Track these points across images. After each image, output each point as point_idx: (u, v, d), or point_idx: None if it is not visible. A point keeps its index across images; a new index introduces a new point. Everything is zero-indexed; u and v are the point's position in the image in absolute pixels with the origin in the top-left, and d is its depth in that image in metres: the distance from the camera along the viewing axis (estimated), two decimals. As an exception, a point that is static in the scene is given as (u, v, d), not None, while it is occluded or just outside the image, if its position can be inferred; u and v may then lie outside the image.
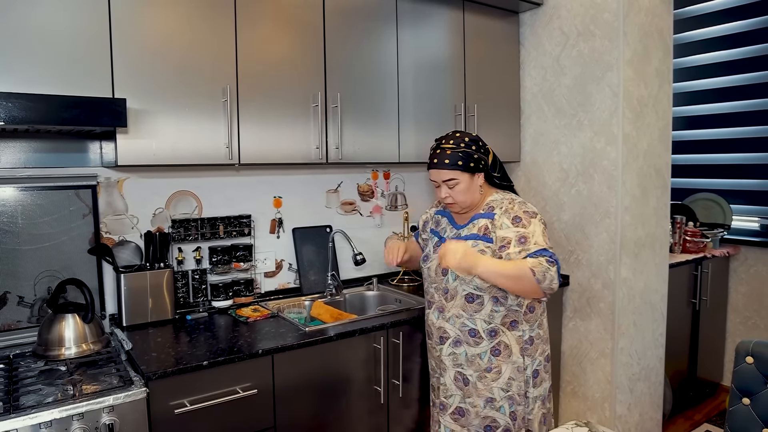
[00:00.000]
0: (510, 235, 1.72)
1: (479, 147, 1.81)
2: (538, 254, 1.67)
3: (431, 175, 1.83)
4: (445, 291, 1.86)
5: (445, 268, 1.81)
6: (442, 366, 1.89)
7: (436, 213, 2.03)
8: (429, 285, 1.94)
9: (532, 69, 2.84)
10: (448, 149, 1.78)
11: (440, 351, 1.89)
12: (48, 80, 1.64)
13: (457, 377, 1.86)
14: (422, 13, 2.46)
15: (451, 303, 1.84)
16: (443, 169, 1.77)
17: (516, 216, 1.75)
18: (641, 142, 2.56)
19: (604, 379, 2.61)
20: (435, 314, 1.90)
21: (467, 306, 1.81)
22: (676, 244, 3.37)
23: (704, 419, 3.28)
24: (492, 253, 1.75)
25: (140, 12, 1.79)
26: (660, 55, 2.62)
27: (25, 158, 1.95)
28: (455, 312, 1.83)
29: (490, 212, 1.81)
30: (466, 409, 1.86)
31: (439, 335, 1.88)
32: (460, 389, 1.86)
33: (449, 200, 1.81)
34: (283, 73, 2.10)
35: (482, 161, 1.81)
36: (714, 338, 3.56)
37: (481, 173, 1.82)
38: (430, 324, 1.93)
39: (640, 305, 2.65)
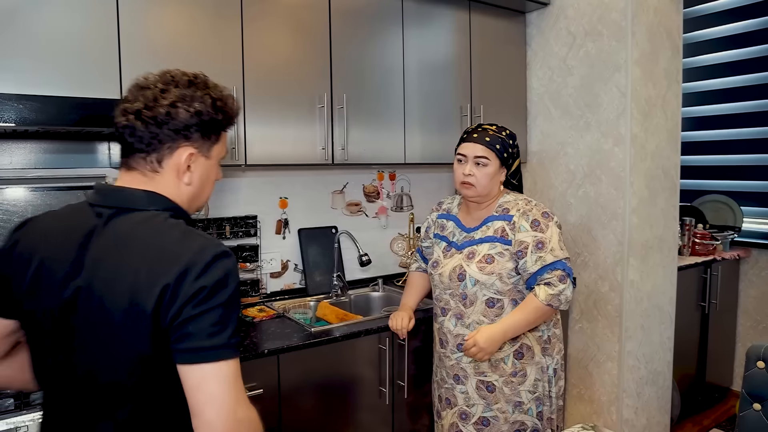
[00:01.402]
0: (528, 239, 1.71)
1: (514, 145, 1.81)
2: (553, 268, 1.69)
3: (463, 149, 1.77)
4: (463, 297, 1.78)
5: (475, 357, 1.73)
6: (463, 374, 1.82)
7: (438, 217, 1.98)
8: (442, 291, 1.85)
9: (538, 69, 2.83)
10: (491, 131, 1.77)
11: (458, 359, 1.82)
12: (58, 82, 1.66)
13: (480, 386, 1.80)
14: (428, 13, 2.47)
15: (470, 309, 1.77)
16: (480, 144, 1.74)
17: (534, 219, 1.73)
18: (649, 143, 2.54)
19: (611, 383, 2.59)
20: (452, 321, 1.82)
21: (488, 311, 1.76)
22: (684, 246, 3.33)
23: (713, 424, 3.24)
24: (510, 255, 1.74)
25: (148, 14, 1.81)
26: (669, 54, 2.60)
27: (35, 159, 1.97)
28: (475, 318, 1.77)
29: (506, 214, 1.78)
30: (492, 417, 1.79)
31: (458, 343, 1.81)
32: (483, 398, 1.79)
33: (471, 179, 1.74)
34: (289, 74, 2.11)
35: (512, 159, 1.80)
36: (724, 342, 3.52)
37: (505, 171, 1.80)
38: (446, 332, 1.84)
39: (648, 308, 2.63)
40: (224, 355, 0.90)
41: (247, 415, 0.92)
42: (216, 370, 0.89)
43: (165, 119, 0.97)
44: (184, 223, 0.99)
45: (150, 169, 1.00)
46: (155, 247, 0.93)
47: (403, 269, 2.85)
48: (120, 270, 0.92)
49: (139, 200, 0.99)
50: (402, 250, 2.89)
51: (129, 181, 1.01)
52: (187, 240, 0.94)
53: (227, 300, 0.91)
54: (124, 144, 1.01)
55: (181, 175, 1.02)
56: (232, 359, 0.91)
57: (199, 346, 0.89)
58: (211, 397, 0.89)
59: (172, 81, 1.01)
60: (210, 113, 1.01)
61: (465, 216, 1.88)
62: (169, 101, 0.98)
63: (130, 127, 0.98)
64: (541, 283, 1.70)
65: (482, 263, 1.74)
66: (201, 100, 1.01)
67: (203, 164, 1.04)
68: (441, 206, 2.01)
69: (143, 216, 0.97)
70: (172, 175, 1.01)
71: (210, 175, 1.08)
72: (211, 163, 1.06)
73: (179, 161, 1.00)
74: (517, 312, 1.72)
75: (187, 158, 1.01)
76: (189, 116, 0.99)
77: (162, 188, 1.01)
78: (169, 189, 1.01)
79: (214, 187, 1.12)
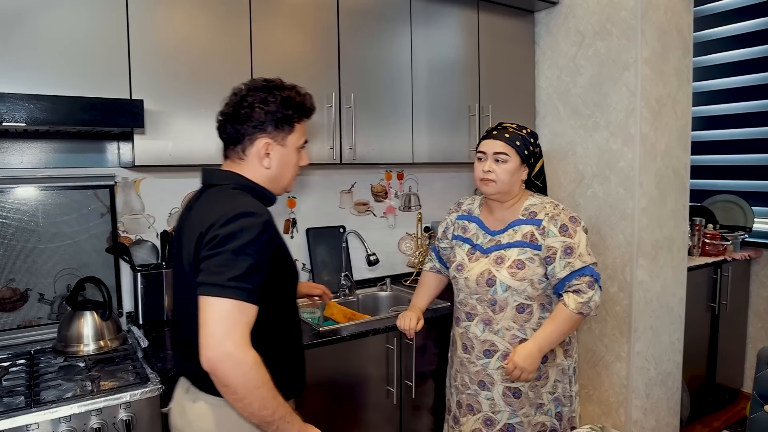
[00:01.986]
0: (556, 245, 1.70)
1: (536, 144, 1.79)
2: (581, 273, 1.68)
3: (482, 146, 1.77)
4: (492, 302, 1.75)
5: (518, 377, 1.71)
6: (489, 380, 1.79)
7: (458, 218, 1.94)
8: (467, 296, 1.81)
9: (547, 69, 2.82)
10: (510, 128, 1.76)
11: (485, 365, 1.79)
12: (68, 82, 1.67)
13: (507, 392, 1.77)
14: (436, 12, 2.46)
15: (500, 315, 1.75)
16: (500, 140, 1.73)
17: (563, 224, 1.71)
18: (659, 142, 2.53)
19: (620, 384, 2.57)
20: (479, 327, 1.79)
21: (518, 317, 1.74)
22: (694, 246, 3.31)
23: (723, 426, 3.22)
24: (540, 261, 1.72)
25: (157, 14, 1.82)
26: (679, 53, 2.58)
27: (46, 158, 1.99)
28: (505, 324, 1.75)
29: (533, 218, 1.75)
30: (518, 423, 1.78)
31: (485, 349, 1.78)
32: (509, 404, 1.77)
33: (491, 176, 1.72)
34: (297, 73, 2.11)
35: (533, 158, 1.78)
36: (734, 343, 3.49)
37: (527, 169, 1.78)
38: (472, 337, 1.81)
39: (657, 309, 2.61)
40: (219, 293, 1.10)
41: (238, 353, 1.09)
42: (212, 303, 1.11)
43: (244, 118, 1.27)
44: (242, 193, 1.26)
45: (237, 157, 1.31)
46: (209, 209, 1.22)
47: (410, 269, 2.84)
48: (190, 227, 1.24)
49: (218, 177, 1.32)
50: (410, 250, 2.89)
51: (225, 166, 1.34)
52: (228, 203, 1.20)
53: (236, 248, 1.12)
54: (220, 139, 1.34)
55: (262, 160, 1.30)
56: (228, 298, 1.10)
57: (203, 281, 1.13)
58: (204, 325, 1.11)
59: (252, 87, 1.31)
60: (281, 110, 1.28)
61: (488, 217, 1.85)
62: (248, 103, 1.27)
63: (222, 126, 1.32)
64: (570, 291, 1.70)
65: (513, 269, 1.72)
66: (273, 100, 1.27)
67: (280, 151, 1.31)
68: (460, 207, 1.97)
69: (216, 189, 1.29)
70: (255, 161, 1.30)
71: (288, 160, 1.34)
72: (287, 150, 1.33)
73: (258, 149, 1.29)
74: (548, 324, 1.71)
75: (264, 146, 1.29)
76: (263, 114, 1.27)
77: (246, 172, 1.30)
78: (252, 172, 1.31)
79: (297, 171, 1.38)
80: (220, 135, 1.33)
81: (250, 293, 1.14)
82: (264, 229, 1.17)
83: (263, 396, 1.13)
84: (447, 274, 2.03)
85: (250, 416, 1.16)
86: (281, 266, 1.28)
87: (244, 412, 1.15)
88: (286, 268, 1.31)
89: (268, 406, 1.15)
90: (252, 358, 1.11)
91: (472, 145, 2.60)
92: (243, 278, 1.12)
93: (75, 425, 1.46)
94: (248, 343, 1.12)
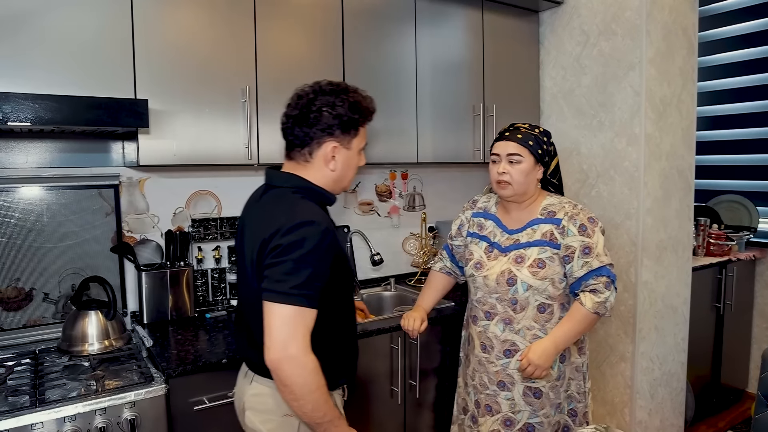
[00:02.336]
0: (575, 244, 1.70)
1: (549, 143, 1.79)
2: (598, 274, 1.69)
3: (495, 148, 1.77)
4: (513, 302, 1.74)
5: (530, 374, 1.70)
6: (509, 380, 1.78)
7: (474, 215, 1.93)
8: (486, 295, 1.80)
9: (551, 69, 2.81)
10: (523, 129, 1.76)
11: (505, 365, 1.78)
12: (72, 82, 1.68)
13: (527, 392, 1.77)
14: (441, 12, 2.46)
15: (521, 314, 1.74)
16: (513, 141, 1.73)
17: (582, 224, 1.72)
18: (664, 142, 2.52)
19: (624, 384, 2.57)
20: (499, 327, 1.77)
21: (539, 316, 1.74)
22: (699, 246, 3.29)
23: (728, 427, 3.20)
24: (559, 260, 1.72)
25: (162, 14, 1.82)
26: (684, 53, 2.57)
27: (50, 158, 1.99)
28: (526, 324, 1.74)
29: (552, 217, 1.75)
30: (538, 423, 1.77)
31: (505, 348, 1.77)
32: (530, 404, 1.77)
33: (505, 177, 1.72)
34: (302, 73, 2.10)
35: (547, 157, 1.78)
36: (739, 344, 3.48)
37: (542, 168, 1.77)
38: (491, 337, 1.79)
39: (662, 309, 2.60)
40: (283, 299, 1.19)
41: (301, 356, 1.18)
42: (276, 309, 1.19)
43: (313, 122, 1.30)
44: (302, 199, 1.30)
45: (303, 159, 1.35)
46: (270, 212, 1.29)
47: (415, 269, 2.84)
48: (253, 228, 1.32)
49: (279, 180, 1.36)
50: (414, 250, 2.88)
51: (288, 167, 1.38)
52: (289, 209, 1.27)
53: (299, 257, 1.20)
54: (285, 140, 1.37)
55: (327, 163, 1.34)
56: (290, 305, 1.19)
57: (268, 288, 1.21)
58: (269, 329, 1.20)
59: (319, 90, 1.32)
60: (348, 114, 1.31)
61: (504, 216, 1.84)
62: (317, 107, 1.29)
63: (289, 128, 1.33)
64: (586, 290, 1.70)
65: (534, 268, 1.72)
66: (341, 104, 1.30)
67: (345, 154, 1.35)
68: (476, 204, 1.95)
69: (278, 191, 1.34)
70: (321, 164, 1.34)
71: (351, 162, 1.38)
72: (351, 153, 1.37)
73: (326, 153, 1.33)
74: (565, 322, 1.71)
75: (332, 150, 1.33)
76: (331, 118, 1.30)
77: (311, 174, 1.34)
78: (316, 174, 1.35)
79: (356, 172, 1.43)
80: (286, 137, 1.36)
81: (310, 299, 1.22)
82: (324, 237, 1.24)
83: (317, 399, 1.22)
84: (458, 274, 2.01)
85: (303, 416, 1.25)
86: (340, 270, 1.34)
87: (298, 411, 1.24)
88: (344, 271, 1.38)
89: (321, 408, 1.23)
90: (312, 362, 1.20)
91: (476, 145, 2.60)
92: (304, 286, 1.20)
93: (79, 424, 1.46)
94: (308, 347, 1.21)
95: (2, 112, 1.46)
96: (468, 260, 1.87)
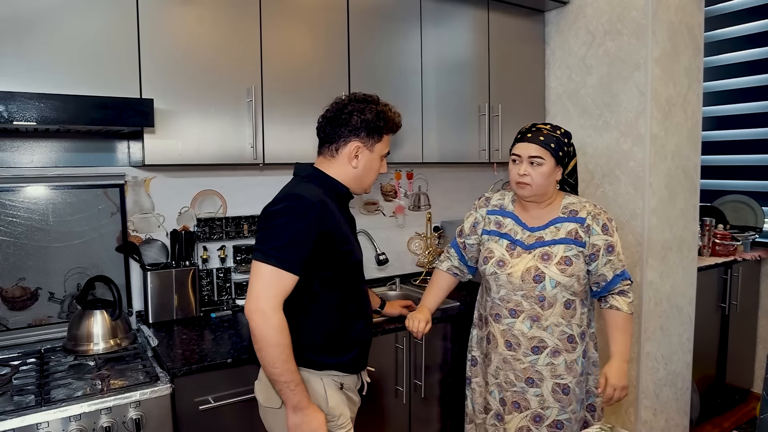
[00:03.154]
0: (600, 243, 1.74)
1: (570, 144, 1.79)
2: (623, 277, 1.77)
3: (517, 149, 1.76)
4: (541, 299, 1.75)
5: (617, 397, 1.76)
6: (538, 377, 1.78)
7: (489, 213, 1.91)
8: (511, 292, 1.78)
9: (557, 68, 2.80)
10: (545, 130, 1.75)
11: (533, 362, 1.78)
12: (78, 81, 1.67)
13: (556, 388, 1.77)
14: (446, 12, 2.45)
15: (549, 311, 1.75)
16: (535, 143, 1.73)
17: (604, 224, 1.76)
18: (669, 142, 2.51)
19: (630, 384, 2.55)
20: (526, 324, 1.77)
21: (565, 312, 1.76)
22: (704, 247, 3.29)
23: (733, 426, 3.20)
24: (584, 258, 1.75)
25: (167, 14, 1.82)
26: (690, 53, 2.56)
27: (56, 158, 1.99)
28: (554, 320, 1.75)
29: (575, 216, 1.77)
30: (566, 420, 1.78)
31: (532, 345, 1.77)
32: (558, 400, 1.77)
33: (526, 179, 1.73)
34: (308, 73, 2.11)
35: (567, 158, 1.78)
36: (744, 344, 3.47)
37: (561, 169, 1.78)
38: (517, 334, 1.78)
39: (667, 309, 2.59)
40: (262, 258, 1.36)
41: (268, 311, 1.34)
42: (256, 266, 1.37)
43: (343, 123, 1.49)
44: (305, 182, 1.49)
45: (330, 155, 1.53)
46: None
47: (420, 268, 2.84)
48: None
49: (301, 170, 1.55)
50: (419, 250, 2.88)
51: (317, 162, 1.56)
52: (287, 188, 1.48)
53: (281, 223, 1.37)
54: (318, 138, 1.56)
55: (351, 161, 1.51)
56: (266, 264, 1.35)
57: (255, 248, 1.40)
58: (250, 283, 1.38)
59: (354, 98, 1.53)
60: (374, 121, 1.50)
61: (523, 213, 1.84)
62: (348, 111, 1.49)
63: (322, 127, 1.54)
64: (615, 293, 1.77)
65: (562, 265, 1.73)
66: (370, 111, 1.49)
67: (367, 155, 1.53)
68: (489, 202, 1.93)
69: (294, 179, 1.55)
70: (345, 160, 1.52)
71: (372, 165, 1.55)
72: (373, 156, 1.54)
73: (350, 151, 1.51)
74: (618, 335, 1.78)
75: (355, 149, 1.51)
76: (359, 121, 1.49)
77: (334, 168, 1.53)
78: (339, 170, 1.53)
79: (377, 176, 1.59)
80: (318, 134, 1.55)
81: (286, 263, 1.36)
82: (308, 210, 1.38)
83: (275, 354, 1.35)
84: (465, 272, 2.01)
85: (263, 368, 1.39)
86: (330, 247, 1.44)
87: (261, 363, 1.39)
88: (335, 249, 1.46)
89: (276, 365, 1.35)
90: (278, 320, 1.35)
91: (482, 145, 2.59)
92: (282, 250, 1.36)
93: (85, 424, 1.46)
94: (278, 305, 1.36)
95: (8, 112, 1.46)
96: (487, 258, 1.85)
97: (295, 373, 1.38)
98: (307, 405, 1.40)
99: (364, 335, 1.58)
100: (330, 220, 1.43)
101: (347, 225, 1.55)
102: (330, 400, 1.50)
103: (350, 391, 1.58)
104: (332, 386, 1.51)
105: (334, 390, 1.51)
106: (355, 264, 1.55)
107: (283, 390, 1.39)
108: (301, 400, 1.39)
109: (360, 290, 1.58)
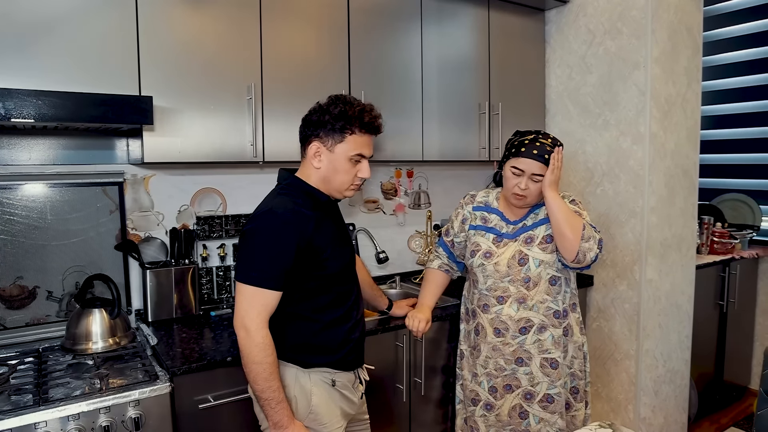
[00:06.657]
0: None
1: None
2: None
3: (521, 163, 1.77)
4: (526, 280, 1.81)
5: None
6: (526, 356, 1.83)
7: (475, 209, 1.95)
8: (497, 281, 1.84)
9: (557, 67, 2.80)
10: (547, 146, 1.78)
11: (521, 342, 1.83)
12: (77, 79, 1.66)
13: (544, 363, 1.83)
14: (447, 11, 2.45)
15: (534, 290, 1.81)
16: (539, 162, 1.76)
17: (573, 200, 1.85)
18: (669, 141, 2.51)
19: (629, 381, 2.57)
20: (513, 307, 1.82)
21: (551, 289, 1.82)
22: (703, 245, 3.30)
23: (731, 423, 3.21)
24: None
25: (167, 12, 1.81)
26: (689, 53, 2.56)
27: (54, 155, 1.98)
28: (539, 298, 1.81)
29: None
30: (556, 394, 1.83)
31: (520, 327, 1.82)
32: (547, 375, 1.83)
33: (526, 193, 1.78)
34: (308, 71, 2.10)
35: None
36: (741, 341, 3.48)
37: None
38: (505, 319, 1.83)
39: (666, 307, 2.60)
40: (243, 279, 1.39)
41: (252, 330, 1.37)
42: (239, 287, 1.40)
43: (307, 123, 1.50)
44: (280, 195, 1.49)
45: (302, 156, 1.54)
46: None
47: (420, 266, 2.84)
48: None
49: (281, 178, 1.56)
50: (419, 248, 2.88)
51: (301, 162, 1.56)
52: (263, 204, 1.49)
53: (250, 244, 1.41)
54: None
55: (312, 161, 1.50)
56: (249, 285, 1.38)
57: (236, 268, 1.45)
58: (236, 302, 1.42)
59: (331, 99, 1.49)
60: (331, 121, 1.45)
61: (506, 209, 1.91)
62: (311, 111, 1.50)
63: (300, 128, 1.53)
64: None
65: (544, 244, 1.82)
66: (331, 111, 1.45)
67: (328, 156, 1.48)
68: (475, 199, 1.98)
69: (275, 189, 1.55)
70: (309, 161, 1.51)
71: (336, 165, 1.48)
72: (335, 157, 1.48)
73: (311, 152, 1.50)
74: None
75: (315, 149, 1.49)
76: (318, 121, 1.47)
77: (304, 170, 1.53)
78: (307, 171, 1.52)
79: (348, 178, 1.50)
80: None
81: (267, 282, 1.39)
82: (282, 225, 1.40)
83: (257, 372, 1.38)
84: (455, 269, 2.05)
85: (249, 383, 1.43)
86: (309, 259, 1.45)
87: (247, 378, 1.41)
88: (314, 260, 1.47)
89: (259, 382, 1.38)
90: (262, 338, 1.38)
91: (482, 143, 2.59)
92: (261, 269, 1.39)
93: (83, 423, 1.45)
94: (263, 322, 1.39)
95: (5, 109, 1.45)
96: (474, 251, 1.89)
97: (277, 391, 1.40)
98: (288, 424, 1.41)
99: (352, 335, 1.58)
100: (306, 233, 1.43)
101: (332, 232, 1.54)
102: (314, 397, 1.50)
103: (345, 389, 1.57)
104: (320, 384, 1.51)
105: (321, 388, 1.51)
106: (338, 272, 1.53)
107: (264, 407, 1.41)
108: (281, 419, 1.40)
109: (345, 292, 1.57)
